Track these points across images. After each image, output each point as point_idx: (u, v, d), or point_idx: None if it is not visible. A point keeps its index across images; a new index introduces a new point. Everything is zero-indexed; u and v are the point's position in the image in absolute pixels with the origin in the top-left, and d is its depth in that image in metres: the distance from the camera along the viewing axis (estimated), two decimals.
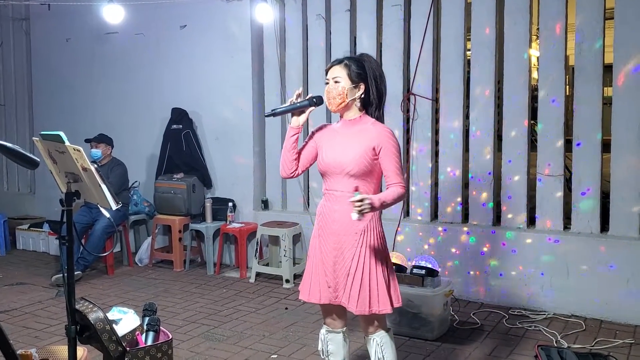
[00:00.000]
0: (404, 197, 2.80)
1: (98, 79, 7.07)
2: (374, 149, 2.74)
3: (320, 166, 2.87)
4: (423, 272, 4.27)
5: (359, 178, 2.75)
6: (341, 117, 2.88)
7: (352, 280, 2.77)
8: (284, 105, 2.87)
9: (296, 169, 2.94)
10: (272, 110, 2.85)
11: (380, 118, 2.85)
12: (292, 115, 2.90)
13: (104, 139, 6.13)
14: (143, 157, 6.81)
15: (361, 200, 2.51)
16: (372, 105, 2.81)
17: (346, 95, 2.77)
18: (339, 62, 2.82)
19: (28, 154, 2.35)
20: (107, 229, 5.78)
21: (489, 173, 5.05)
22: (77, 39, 7.17)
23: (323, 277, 2.85)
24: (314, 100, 2.87)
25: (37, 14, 7.49)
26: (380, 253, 2.81)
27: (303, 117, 2.88)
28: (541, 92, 4.82)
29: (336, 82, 2.77)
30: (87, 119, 7.05)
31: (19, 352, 2.96)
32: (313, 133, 2.95)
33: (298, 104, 2.85)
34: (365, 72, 2.79)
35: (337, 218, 2.81)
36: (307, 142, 2.95)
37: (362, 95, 2.80)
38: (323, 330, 3.04)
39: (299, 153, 2.93)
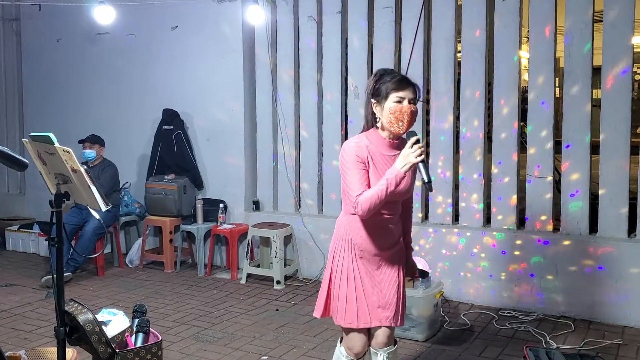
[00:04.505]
0: None
1: (89, 80, 7.05)
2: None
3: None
4: None
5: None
6: (389, 137, 2.69)
7: (402, 295, 2.81)
8: (425, 169, 2.55)
9: None
10: (430, 184, 2.57)
11: None
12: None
13: (98, 140, 6.12)
14: (134, 158, 6.80)
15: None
16: None
17: None
18: (412, 84, 2.66)
19: (17, 156, 2.34)
20: (97, 230, 5.76)
21: (479, 174, 5.08)
22: (68, 40, 7.15)
23: (374, 298, 2.76)
24: (416, 138, 2.59)
25: (27, 14, 7.46)
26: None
27: None
28: (531, 94, 4.85)
29: (413, 103, 2.64)
30: (78, 120, 7.03)
31: (7, 354, 2.96)
32: (358, 157, 2.65)
33: (424, 157, 2.56)
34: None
35: (391, 239, 2.79)
36: (361, 170, 2.65)
37: None
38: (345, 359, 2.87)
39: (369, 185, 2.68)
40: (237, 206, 6.21)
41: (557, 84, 4.96)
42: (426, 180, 2.54)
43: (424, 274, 4.30)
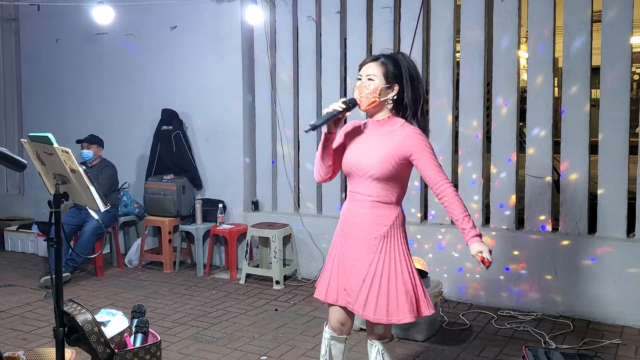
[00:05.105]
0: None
1: (88, 80, 7.05)
2: (403, 154, 2.65)
3: (343, 167, 2.79)
4: None
5: (382, 182, 2.67)
6: (371, 116, 2.78)
7: (369, 287, 2.67)
8: (322, 117, 2.68)
9: (332, 173, 2.86)
10: (311, 125, 2.68)
11: (422, 124, 2.75)
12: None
13: (95, 140, 6.11)
14: (133, 158, 6.80)
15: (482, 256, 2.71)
16: (407, 109, 2.71)
17: (379, 94, 2.67)
18: (374, 59, 2.72)
19: (15, 156, 2.34)
20: (96, 230, 5.76)
21: (479, 174, 5.08)
22: (67, 40, 7.14)
23: (342, 278, 2.77)
24: (349, 104, 2.68)
25: (26, 14, 7.46)
26: (402, 259, 2.71)
27: (339, 122, 2.75)
28: (530, 93, 4.86)
29: (370, 79, 2.67)
30: (77, 120, 7.02)
31: (6, 354, 2.96)
32: (343, 131, 2.84)
33: (336, 112, 2.66)
34: (401, 72, 2.69)
35: (358, 222, 2.73)
36: (338, 141, 2.83)
37: (395, 97, 2.70)
38: (327, 335, 2.93)
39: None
40: (236, 206, 6.21)
41: (555, 84, 4.95)
42: (311, 123, 2.70)
43: (422, 274, 4.30)
